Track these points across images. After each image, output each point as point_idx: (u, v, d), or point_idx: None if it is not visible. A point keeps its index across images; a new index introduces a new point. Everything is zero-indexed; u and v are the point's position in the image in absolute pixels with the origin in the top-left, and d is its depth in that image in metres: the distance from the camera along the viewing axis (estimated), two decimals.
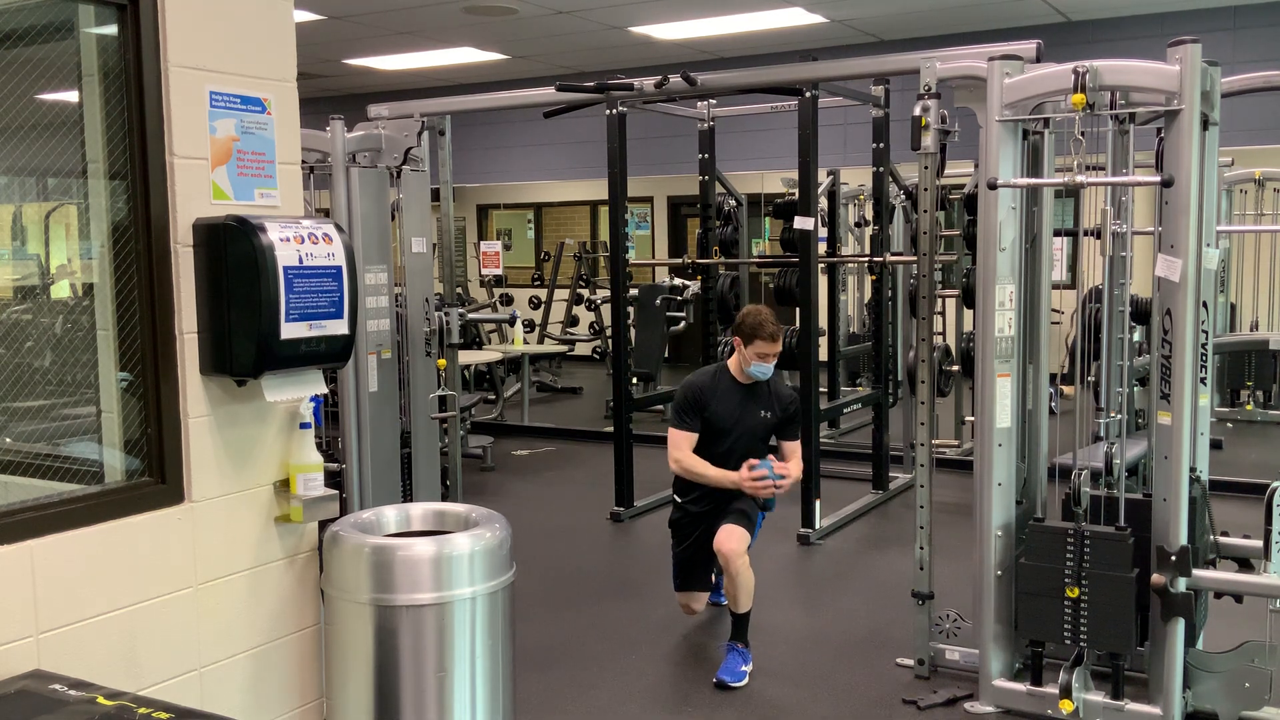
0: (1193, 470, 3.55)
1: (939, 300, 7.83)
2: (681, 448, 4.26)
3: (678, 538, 4.47)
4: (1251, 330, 8.76)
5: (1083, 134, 3.43)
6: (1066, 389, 7.64)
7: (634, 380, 7.84)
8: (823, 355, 7.12)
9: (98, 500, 2.44)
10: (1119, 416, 3.59)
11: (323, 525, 2.84)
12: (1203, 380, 3.66)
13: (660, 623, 4.68)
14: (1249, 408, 8.44)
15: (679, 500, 4.45)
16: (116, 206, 2.55)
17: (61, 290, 4.01)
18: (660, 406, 8.25)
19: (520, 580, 2.91)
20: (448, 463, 5.51)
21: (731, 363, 4.36)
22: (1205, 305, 3.57)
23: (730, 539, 4.08)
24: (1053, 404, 4.06)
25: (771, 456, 4.28)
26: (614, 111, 6.38)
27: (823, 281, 7.49)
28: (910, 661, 4.09)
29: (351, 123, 5.04)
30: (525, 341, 10.43)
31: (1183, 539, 3.39)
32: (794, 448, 4.40)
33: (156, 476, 2.53)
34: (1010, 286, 3.69)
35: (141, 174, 2.48)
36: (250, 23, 2.67)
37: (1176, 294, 3.38)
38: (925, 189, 4.03)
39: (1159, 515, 3.44)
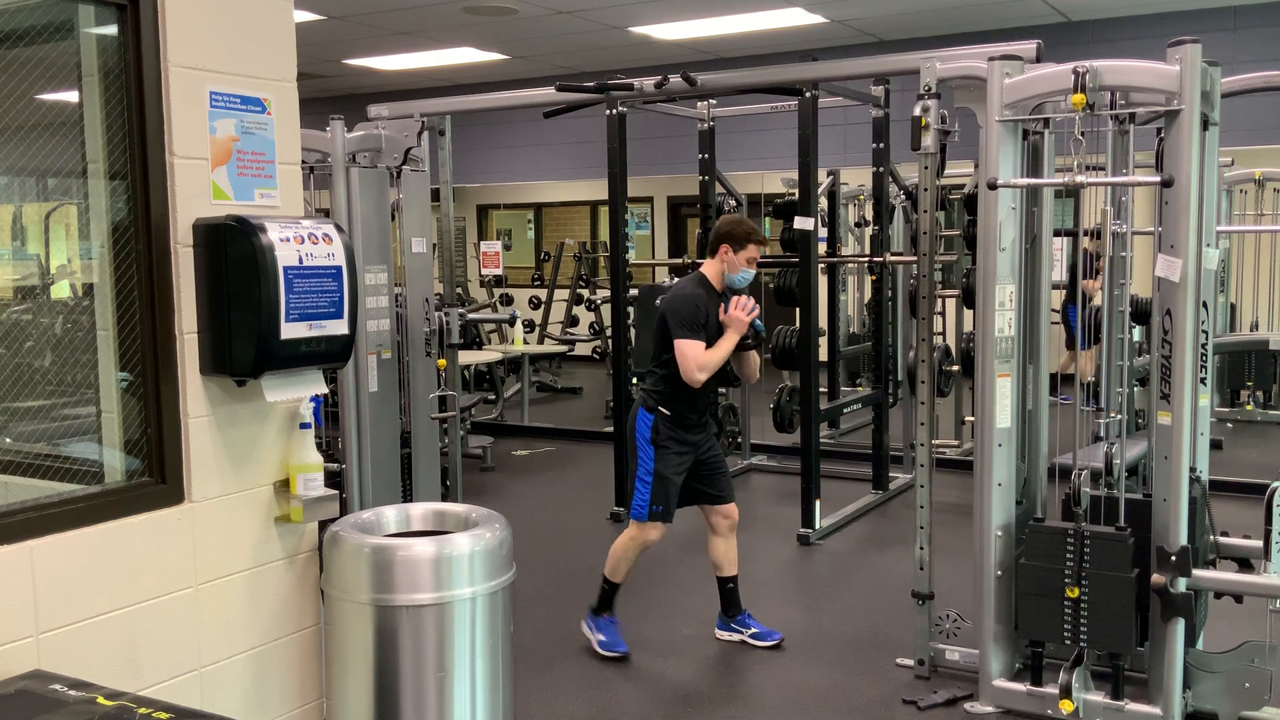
0: (1193, 470, 3.55)
1: (939, 300, 7.83)
2: (699, 358, 4.07)
3: (674, 464, 4.19)
4: (1251, 330, 8.75)
5: (1083, 134, 3.44)
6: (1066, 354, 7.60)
7: (634, 380, 7.82)
8: (823, 355, 7.11)
9: (98, 500, 2.44)
10: (1119, 416, 3.59)
11: (323, 525, 2.84)
12: (1203, 380, 3.66)
13: (660, 623, 4.68)
14: (1249, 408, 8.43)
15: (671, 420, 4.18)
16: (116, 206, 2.55)
17: (61, 290, 4.01)
18: None
19: (520, 580, 2.91)
20: (448, 463, 5.52)
21: (711, 272, 4.18)
22: (1205, 305, 3.57)
23: (734, 511, 4.43)
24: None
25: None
26: (614, 111, 6.38)
27: (823, 282, 7.48)
28: (910, 661, 4.09)
29: (351, 123, 5.04)
30: (525, 342, 10.42)
31: (1183, 539, 3.39)
32: None
33: (156, 476, 2.53)
34: (1010, 286, 3.69)
35: (141, 174, 2.48)
36: (250, 23, 2.67)
37: (1176, 294, 3.38)
38: (925, 189, 4.03)
39: (1159, 515, 3.44)
